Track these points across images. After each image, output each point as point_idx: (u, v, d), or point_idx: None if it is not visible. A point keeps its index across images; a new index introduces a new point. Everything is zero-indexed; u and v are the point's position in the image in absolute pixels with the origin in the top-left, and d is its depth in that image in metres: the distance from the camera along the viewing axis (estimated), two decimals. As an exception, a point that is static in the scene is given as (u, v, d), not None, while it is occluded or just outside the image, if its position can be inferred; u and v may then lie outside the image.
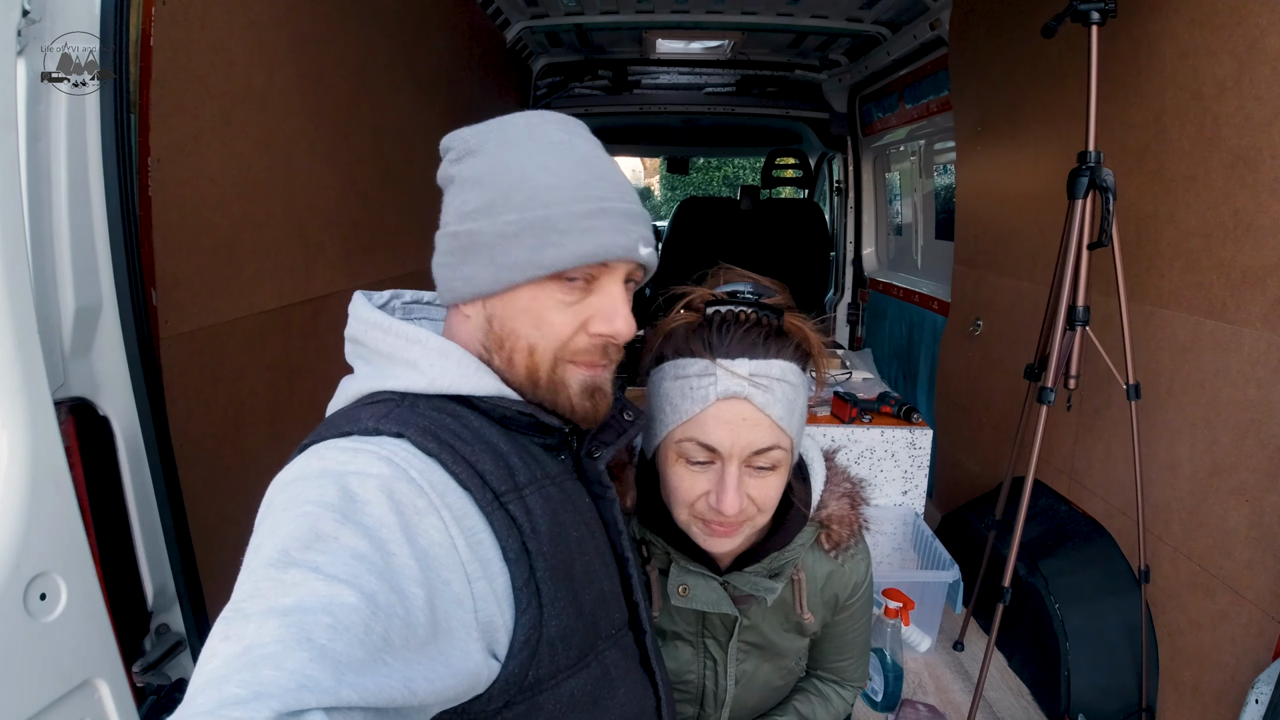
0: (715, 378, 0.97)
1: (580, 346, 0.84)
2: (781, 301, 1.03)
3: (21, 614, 0.97)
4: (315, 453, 0.73)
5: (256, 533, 0.66)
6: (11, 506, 0.97)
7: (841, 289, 5.32)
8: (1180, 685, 1.95)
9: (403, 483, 0.70)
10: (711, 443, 0.98)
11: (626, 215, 0.83)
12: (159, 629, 1.29)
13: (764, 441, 0.98)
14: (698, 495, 1.01)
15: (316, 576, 0.59)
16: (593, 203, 0.81)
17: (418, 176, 2.60)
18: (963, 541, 2.77)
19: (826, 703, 1.38)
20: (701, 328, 1.01)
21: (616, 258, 0.82)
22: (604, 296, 0.84)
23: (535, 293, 0.82)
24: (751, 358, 0.98)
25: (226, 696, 0.49)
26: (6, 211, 0.96)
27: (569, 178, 0.82)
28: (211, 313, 1.53)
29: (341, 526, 0.64)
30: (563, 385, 0.85)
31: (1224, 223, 1.80)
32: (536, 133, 0.86)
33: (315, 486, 0.67)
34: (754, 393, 0.96)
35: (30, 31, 1.05)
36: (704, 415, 0.98)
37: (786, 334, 1.01)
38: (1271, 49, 1.64)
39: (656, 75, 5.02)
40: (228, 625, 0.56)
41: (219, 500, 1.51)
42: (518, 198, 0.80)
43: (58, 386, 1.11)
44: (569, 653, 0.79)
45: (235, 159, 1.60)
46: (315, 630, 0.55)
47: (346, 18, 2.09)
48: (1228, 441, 1.80)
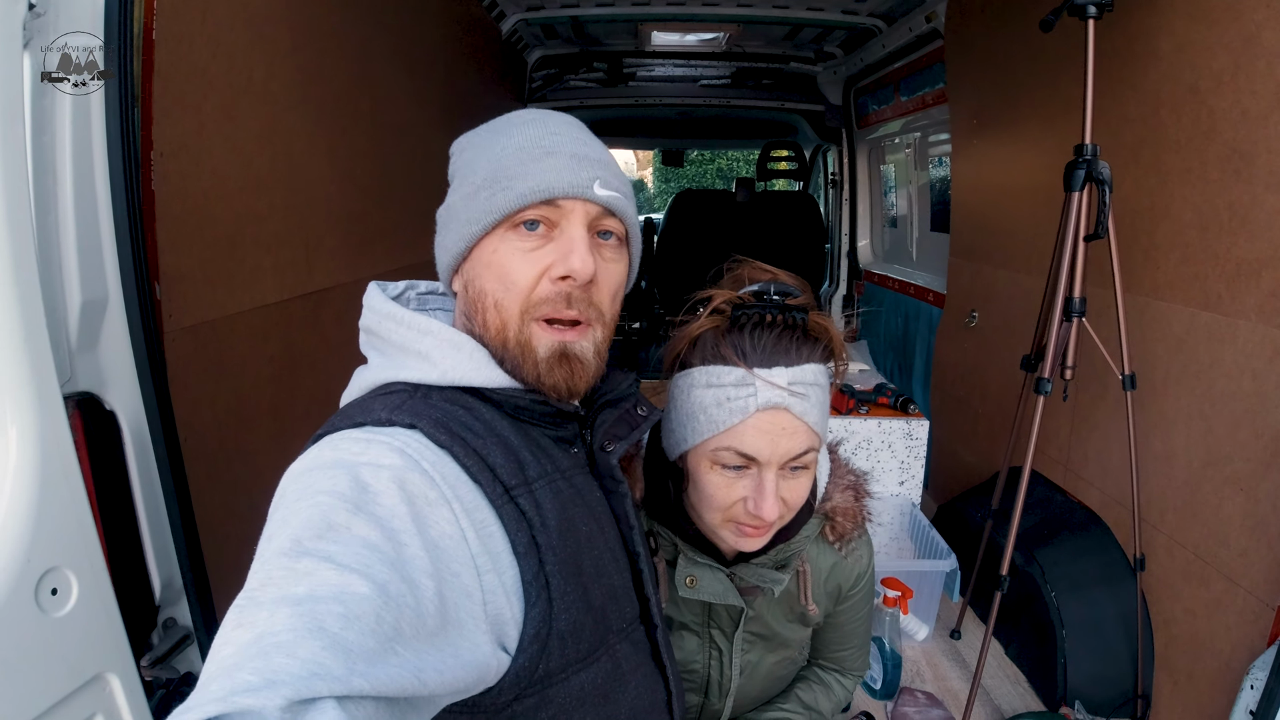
0: (754, 389, 0.97)
1: (543, 296, 0.83)
2: (805, 301, 1.03)
3: (34, 609, 0.97)
4: (329, 443, 0.74)
5: (269, 522, 0.67)
6: (22, 502, 0.97)
7: (837, 281, 5.33)
8: (1175, 672, 1.98)
9: (415, 474, 0.71)
10: (751, 453, 0.98)
11: (575, 156, 0.84)
12: (166, 623, 1.29)
13: (801, 447, 0.99)
14: (734, 501, 1.01)
15: (329, 566, 0.59)
16: (541, 149, 0.84)
17: (416, 169, 2.60)
18: (959, 531, 2.79)
19: (828, 691, 1.40)
20: (731, 333, 1.01)
21: (564, 194, 0.82)
22: (562, 239, 0.84)
23: (496, 244, 0.84)
24: (787, 365, 0.98)
25: (239, 683, 0.49)
26: (14, 206, 0.95)
27: (525, 136, 0.85)
28: (214, 306, 1.53)
29: (354, 517, 0.64)
30: (529, 348, 0.84)
31: (1219, 216, 1.82)
32: (513, 118, 0.90)
33: (328, 477, 0.68)
34: (793, 402, 0.97)
35: (35, 25, 1.05)
36: (743, 426, 0.98)
37: (813, 336, 1.02)
38: (1267, 43, 1.66)
39: (652, 67, 5.01)
40: (240, 613, 0.56)
41: (224, 493, 1.52)
42: (480, 163, 0.85)
43: (65, 381, 1.10)
44: (579, 646, 0.80)
45: (237, 152, 1.60)
46: (327, 619, 0.55)
47: (345, 11, 2.08)
48: (1223, 432, 1.82)
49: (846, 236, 5.20)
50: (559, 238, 0.84)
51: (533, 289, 0.83)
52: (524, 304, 0.83)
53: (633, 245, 0.94)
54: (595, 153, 0.87)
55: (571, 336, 0.85)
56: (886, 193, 4.94)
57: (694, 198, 5.40)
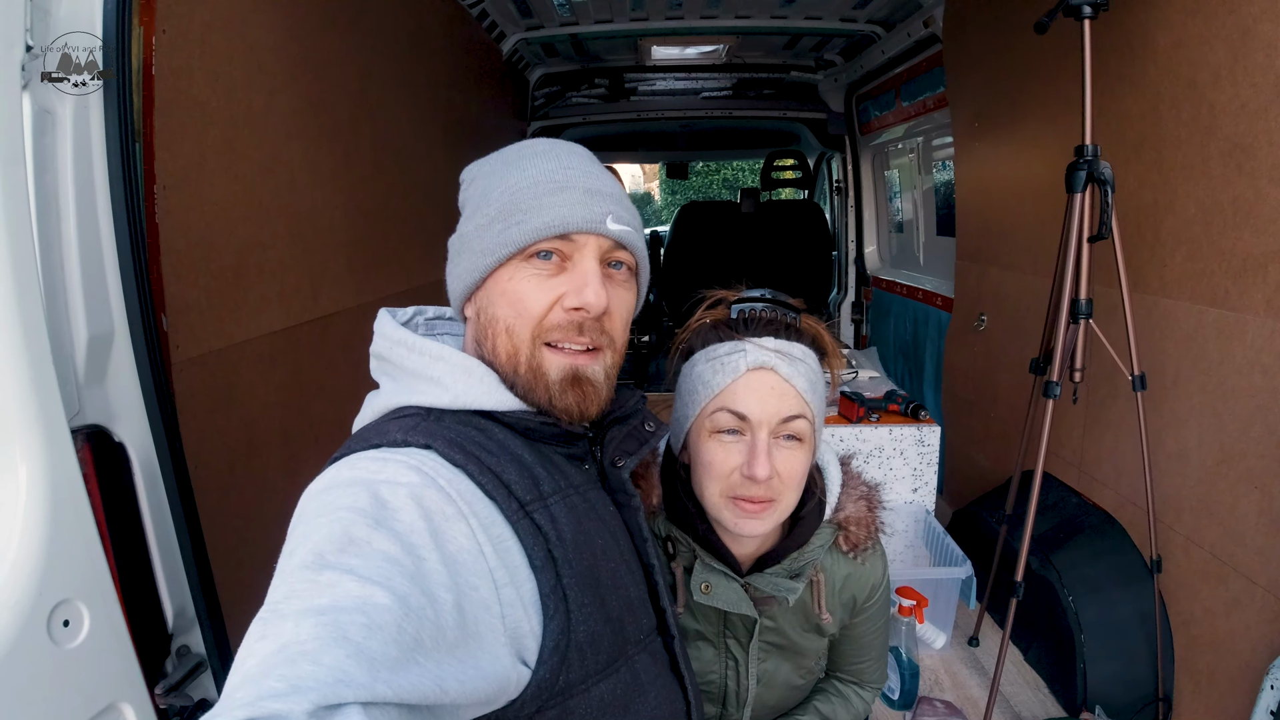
0: (745, 352, 1.07)
1: (555, 323, 0.86)
2: (798, 305, 1.15)
3: (46, 642, 0.98)
4: (346, 463, 0.76)
5: (289, 539, 0.69)
6: (33, 536, 0.98)
7: (845, 288, 5.32)
8: (1196, 674, 1.95)
9: (432, 491, 0.72)
10: (742, 410, 1.06)
11: (589, 191, 0.87)
12: (180, 650, 1.30)
13: (791, 410, 1.06)
14: (731, 469, 1.07)
15: (351, 578, 0.61)
16: (555, 183, 0.86)
17: (419, 193, 2.62)
18: (974, 537, 2.77)
19: (847, 703, 1.40)
20: (730, 321, 1.12)
21: (578, 229, 0.85)
22: (575, 272, 0.86)
23: (511, 273, 0.86)
24: (776, 337, 1.09)
25: (265, 690, 0.51)
26: (18, 244, 0.97)
27: (539, 170, 0.87)
28: (221, 336, 1.55)
29: (374, 531, 0.66)
30: (541, 373, 0.86)
31: (1223, 211, 1.80)
32: (524, 149, 0.92)
33: (348, 494, 0.70)
34: (779, 363, 1.06)
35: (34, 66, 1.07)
36: (735, 385, 1.06)
37: (804, 331, 1.12)
38: (1265, 35, 1.65)
39: (653, 82, 5.04)
40: (264, 625, 0.58)
41: (235, 521, 1.53)
42: (493, 195, 0.87)
43: (73, 415, 1.12)
44: (598, 657, 0.81)
45: (239, 183, 1.61)
46: (351, 629, 0.56)
47: (344, 38, 2.11)
48: (1235, 429, 1.80)
49: (853, 243, 5.19)
50: (572, 270, 0.86)
51: (545, 315, 0.86)
52: (536, 329, 0.86)
53: (641, 275, 0.97)
54: (608, 187, 0.89)
55: (583, 361, 0.88)
56: (891, 198, 4.93)
57: (700, 209, 5.41)
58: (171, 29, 1.35)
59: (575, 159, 0.91)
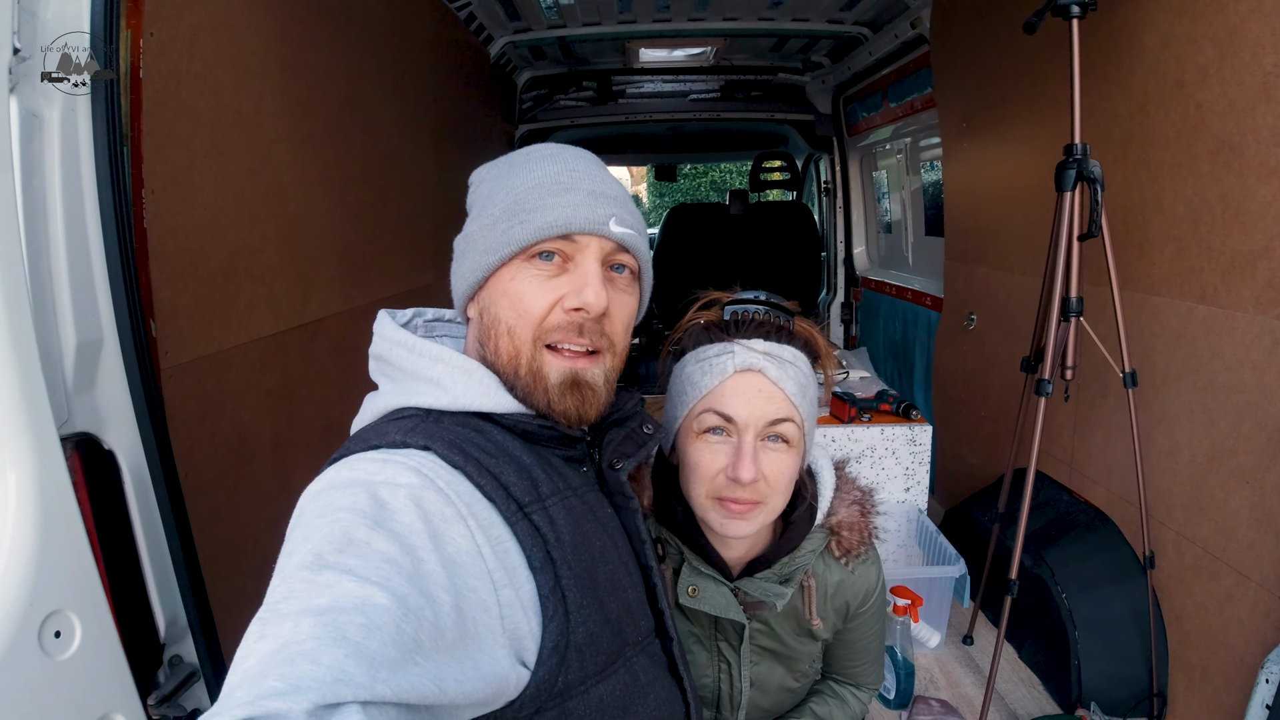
0: (733, 354, 1.06)
1: (555, 324, 0.86)
2: (793, 308, 1.14)
3: (37, 653, 0.96)
4: (346, 464, 0.76)
5: (288, 540, 0.69)
6: (22, 546, 0.97)
7: (834, 289, 5.33)
8: (1190, 669, 1.96)
9: (431, 492, 0.73)
10: (729, 412, 1.05)
11: (593, 193, 0.87)
12: (172, 660, 1.28)
13: (778, 413, 1.05)
14: (717, 470, 1.06)
15: (350, 578, 0.61)
16: (560, 185, 0.87)
17: (409, 196, 2.61)
18: (967, 536, 2.78)
19: (843, 704, 1.39)
20: (720, 323, 1.11)
21: (581, 230, 0.86)
22: (576, 272, 0.87)
23: (513, 273, 0.87)
24: (766, 339, 1.08)
25: (264, 689, 0.50)
26: (5, 249, 0.96)
27: (545, 172, 0.88)
28: (210, 341, 1.53)
29: (373, 532, 0.66)
30: (541, 375, 0.86)
31: (1212, 209, 1.82)
32: (531, 153, 0.93)
33: (347, 495, 0.70)
34: (768, 365, 1.05)
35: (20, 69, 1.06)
36: (722, 387, 1.06)
37: (797, 334, 1.11)
38: (1251, 35, 1.66)
39: (641, 84, 5.04)
40: (263, 626, 0.57)
41: (226, 528, 1.51)
42: (499, 195, 0.88)
43: (62, 423, 1.10)
44: (597, 659, 0.81)
45: (228, 186, 1.60)
46: (350, 628, 0.56)
47: (332, 42, 2.10)
48: (1225, 425, 1.81)
49: (842, 244, 5.21)
50: (574, 271, 0.87)
51: (545, 316, 0.86)
52: (536, 331, 0.86)
53: (644, 280, 0.98)
54: (612, 190, 0.90)
55: (583, 364, 0.88)
56: (880, 199, 4.94)
57: (688, 212, 5.41)
58: (159, 32, 1.34)
59: (581, 162, 0.91)
